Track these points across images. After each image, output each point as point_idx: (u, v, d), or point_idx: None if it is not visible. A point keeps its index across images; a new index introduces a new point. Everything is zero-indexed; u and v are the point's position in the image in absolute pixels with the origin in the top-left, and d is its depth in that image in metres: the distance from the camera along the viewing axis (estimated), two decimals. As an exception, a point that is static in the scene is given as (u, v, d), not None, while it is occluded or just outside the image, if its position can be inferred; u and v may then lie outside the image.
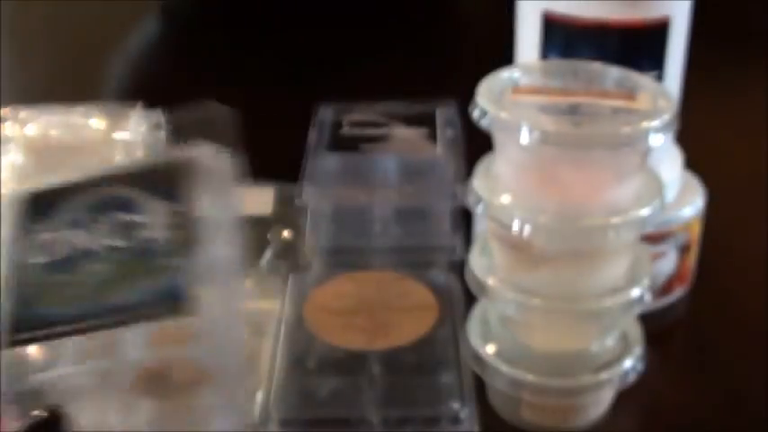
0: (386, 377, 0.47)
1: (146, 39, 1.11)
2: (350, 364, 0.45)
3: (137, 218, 0.37)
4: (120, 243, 0.37)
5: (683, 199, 0.59)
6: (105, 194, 0.38)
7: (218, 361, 0.34)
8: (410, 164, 0.60)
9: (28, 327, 0.34)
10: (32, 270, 0.35)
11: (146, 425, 0.37)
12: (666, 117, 0.44)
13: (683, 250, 0.59)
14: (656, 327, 0.55)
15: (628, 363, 0.49)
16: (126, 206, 0.38)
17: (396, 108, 0.67)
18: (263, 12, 1.09)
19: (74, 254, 0.36)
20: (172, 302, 0.35)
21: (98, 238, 0.36)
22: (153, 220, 0.37)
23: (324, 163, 0.60)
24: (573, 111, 0.45)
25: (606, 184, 0.45)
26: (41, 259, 0.36)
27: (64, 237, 0.36)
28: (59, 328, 0.33)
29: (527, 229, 0.45)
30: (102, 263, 0.36)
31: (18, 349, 0.33)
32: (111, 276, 0.36)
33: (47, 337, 0.33)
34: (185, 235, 0.36)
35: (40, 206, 0.37)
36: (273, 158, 0.76)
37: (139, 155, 0.75)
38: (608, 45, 0.53)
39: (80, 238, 0.36)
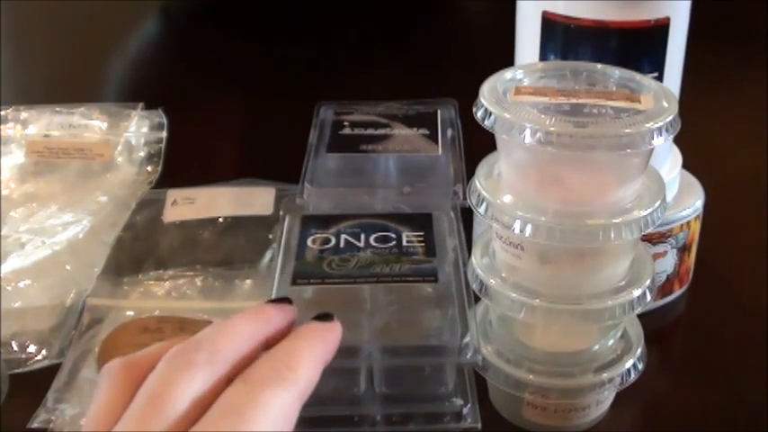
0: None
1: (146, 39, 1.11)
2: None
3: (391, 235, 0.51)
4: (380, 245, 0.50)
5: (682, 199, 0.59)
6: (367, 221, 0.53)
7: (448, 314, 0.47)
8: (410, 163, 0.60)
9: (304, 276, 0.48)
10: (310, 250, 0.50)
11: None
12: (670, 118, 0.44)
13: (683, 250, 0.60)
14: (656, 327, 0.55)
15: (628, 362, 0.49)
16: (382, 229, 0.52)
17: (396, 108, 0.67)
18: (264, 12, 1.09)
19: (345, 247, 0.50)
20: (430, 276, 0.48)
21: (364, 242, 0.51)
22: (407, 238, 0.51)
23: (324, 163, 0.60)
24: (576, 112, 0.44)
25: (608, 185, 0.45)
26: (319, 246, 0.51)
27: (338, 236, 0.51)
28: (328, 279, 0.48)
29: (529, 230, 0.45)
30: (366, 253, 0.50)
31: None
32: (374, 260, 0.49)
33: (318, 284, 0.48)
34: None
35: (318, 221, 0.53)
36: (273, 158, 0.77)
37: (141, 155, 0.75)
38: (608, 45, 0.53)
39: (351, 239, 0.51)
